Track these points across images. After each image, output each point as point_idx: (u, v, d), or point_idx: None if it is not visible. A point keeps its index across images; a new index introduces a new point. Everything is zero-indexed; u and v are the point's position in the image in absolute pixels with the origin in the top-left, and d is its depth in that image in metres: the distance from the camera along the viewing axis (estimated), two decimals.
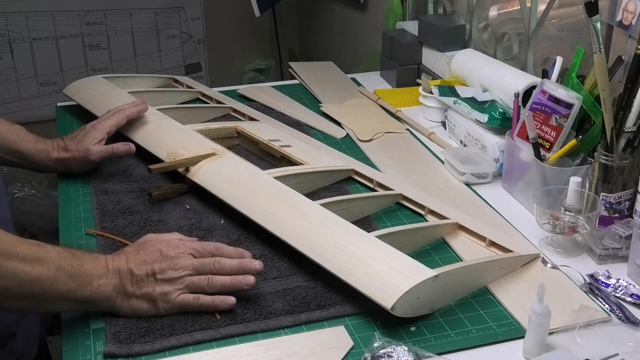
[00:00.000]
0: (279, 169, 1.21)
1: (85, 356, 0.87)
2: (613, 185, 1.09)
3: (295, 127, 1.49)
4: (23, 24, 2.79)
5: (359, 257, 0.95)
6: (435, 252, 1.08)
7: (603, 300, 0.97)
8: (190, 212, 1.17)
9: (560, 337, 0.88)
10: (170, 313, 0.92)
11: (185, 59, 3.12)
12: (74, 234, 1.12)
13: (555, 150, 1.18)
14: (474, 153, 1.35)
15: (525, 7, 1.51)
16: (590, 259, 1.07)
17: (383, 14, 2.13)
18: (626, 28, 1.14)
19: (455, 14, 1.80)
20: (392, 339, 0.86)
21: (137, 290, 0.91)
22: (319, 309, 0.94)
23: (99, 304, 0.90)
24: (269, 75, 3.41)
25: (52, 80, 2.91)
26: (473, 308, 0.95)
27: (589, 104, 1.18)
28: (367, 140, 1.45)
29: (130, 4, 2.93)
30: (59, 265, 0.86)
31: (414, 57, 1.77)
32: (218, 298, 0.92)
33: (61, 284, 0.85)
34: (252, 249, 1.06)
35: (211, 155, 1.22)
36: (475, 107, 1.37)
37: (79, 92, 1.55)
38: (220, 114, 1.54)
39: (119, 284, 0.90)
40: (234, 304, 0.92)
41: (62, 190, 1.25)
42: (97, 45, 2.94)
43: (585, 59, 1.22)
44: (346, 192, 1.23)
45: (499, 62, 1.45)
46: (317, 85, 1.74)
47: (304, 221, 1.04)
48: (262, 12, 2.90)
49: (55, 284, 0.85)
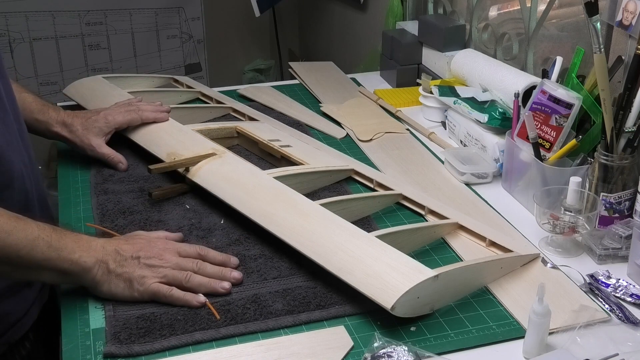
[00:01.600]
0: (279, 169, 1.21)
1: (85, 356, 0.87)
2: (613, 185, 1.09)
3: (295, 127, 1.49)
4: (23, 24, 2.79)
5: (359, 257, 0.95)
6: (435, 252, 1.08)
7: (603, 300, 0.97)
8: (190, 212, 1.17)
9: (560, 337, 0.88)
10: (143, 298, 0.94)
11: (185, 59, 3.12)
12: None
13: (555, 150, 1.18)
14: (474, 153, 1.35)
15: (525, 7, 1.51)
16: (590, 259, 1.07)
17: (383, 14, 2.13)
18: (626, 28, 1.14)
19: (455, 14, 1.80)
20: (392, 339, 0.86)
21: (119, 268, 0.93)
22: (319, 309, 0.94)
23: (80, 276, 0.92)
24: (269, 75, 3.41)
25: (52, 80, 2.91)
26: (473, 308, 0.95)
27: (589, 104, 1.18)
28: (367, 140, 1.45)
29: (130, 4, 2.92)
30: (38, 235, 0.88)
31: (414, 57, 1.77)
32: (189, 294, 0.94)
33: (38, 252, 0.88)
34: (252, 249, 1.06)
35: (211, 156, 1.22)
36: (475, 107, 1.37)
37: (79, 92, 1.55)
38: (220, 114, 1.54)
39: (102, 259, 0.92)
40: (204, 302, 0.94)
41: (62, 190, 1.25)
42: (97, 45, 2.94)
43: (585, 59, 1.22)
44: (346, 192, 1.23)
45: (499, 62, 1.45)
46: (317, 85, 1.74)
47: (304, 221, 1.04)
48: (262, 12, 2.90)
49: (32, 252, 0.87)
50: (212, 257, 1.00)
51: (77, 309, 0.95)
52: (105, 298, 0.94)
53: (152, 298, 0.94)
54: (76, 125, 1.26)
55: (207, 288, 0.96)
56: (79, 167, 1.32)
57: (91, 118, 1.28)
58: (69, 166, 1.33)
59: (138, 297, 0.94)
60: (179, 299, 0.94)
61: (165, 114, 1.35)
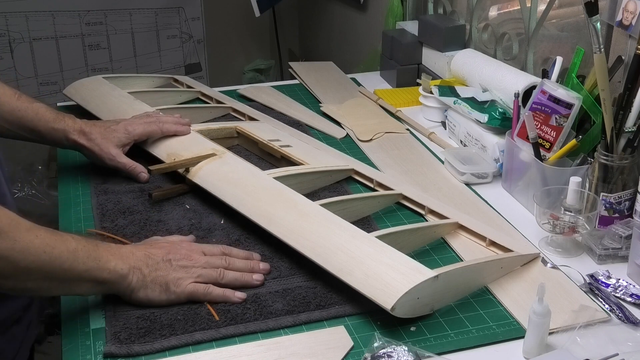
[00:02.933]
0: (279, 169, 1.21)
1: (85, 356, 0.87)
2: (613, 185, 1.09)
3: (295, 127, 1.49)
4: (23, 24, 2.79)
5: (358, 257, 0.95)
6: (435, 252, 1.08)
7: (603, 300, 0.97)
8: (190, 212, 1.17)
9: (560, 337, 0.88)
10: (180, 300, 0.94)
11: (185, 59, 3.12)
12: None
13: (555, 150, 1.18)
14: (474, 153, 1.35)
15: (525, 7, 1.51)
16: (590, 259, 1.07)
17: (383, 14, 2.13)
18: (626, 28, 1.14)
19: (455, 14, 1.80)
20: (392, 339, 0.86)
21: (153, 272, 0.93)
22: (319, 309, 0.94)
23: (117, 284, 0.91)
24: (269, 75, 3.41)
25: (52, 80, 2.91)
26: (473, 308, 0.95)
27: (589, 104, 1.18)
28: (367, 140, 1.45)
29: (130, 4, 2.92)
30: (76, 247, 0.88)
31: (414, 57, 1.77)
32: (228, 290, 0.95)
33: (80, 264, 0.87)
34: (252, 249, 1.06)
35: (211, 156, 1.22)
36: (475, 107, 1.36)
37: (79, 92, 1.54)
38: (220, 114, 1.54)
39: (135, 265, 0.92)
40: (244, 298, 0.95)
41: (62, 190, 1.25)
42: (97, 45, 2.94)
43: (585, 59, 1.22)
44: (346, 192, 1.23)
45: (499, 62, 1.45)
46: (317, 85, 1.74)
47: (304, 221, 1.04)
48: (262, 12, 2.90)
49: (74, 264, 0.87)
50: (237, 254, 1.01)
51: (77, 309, 0.95)
52: (142, 305, 0.93)
53: (189, 298, 0.94)
54: (95, 134, 1.24)
55: (242, 282, 0.97)
56: (79, 167, 1.32)
57: (110, 127, 1.26)
58: (69, 166, 1.33)
59: (175, 299, 0.94)
60: (218, 296, 0.94)
61: (186, 127, 1.32)
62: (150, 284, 0.93)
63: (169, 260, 0.94)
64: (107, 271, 0.90)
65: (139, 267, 0.92)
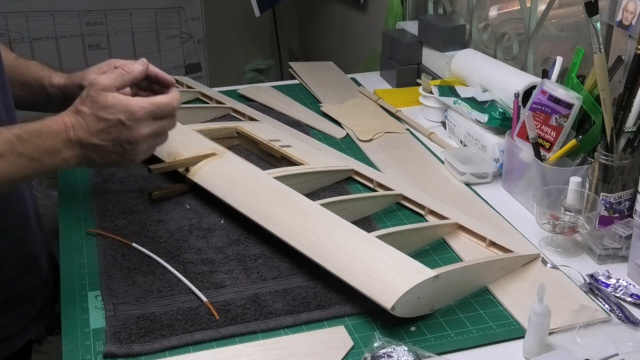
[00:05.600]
0: (279, 169, 1.21)
1: (85, 356, 0.87)
2: (613, 185, 1.09)
3: (295, 127, 1.49)
4: (23, 24, 2.79)
5: (359, 257, 0.95)
6: (435, 252, 1.08)
7: (603, 300, 0.97)
8: (190, 212, 1.17)
9: (560, 337, 0.88)
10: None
11: (185, 59, 3.12)
12: (74, 234, 1.12)
13: (555, 150, 1.18)
14: (474, 153, 1.35)
15: (525, 7, 1.51)
16: (590, 259, 1.07)
17: (383, 14, 2.13)
18: (626, 28, 1.14)
19: (455, 14, 1.80)
20: (392, 339, 0.86)
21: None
22: (319, 309, 0.94)
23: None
24: (269, 75, 3.41)
25: None
26: (473, 308, 0.95)
27: (589, 104, 1.18)
28: (367, 140, 1.45)
29: (130, 4, 2.92)
30: (19, 153, 0.85)
31: (414, 57, 1.77)
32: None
33: (23, 169, 0.86)
34: (252, 249, 1.06)
35: (211, 156, 1.22)
36: (475, 107, 1.37)
37: None
38: (220, 114, 1.54)
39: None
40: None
41: (62, 190, 1.25)
42: (97, 45, 2.94)
43: (585, 59, 1.22)
44: (346, 192, 1.23)
45: (499, 62, 1.45)
46: (317, 85, 1.74)
47: (304, 221, 1.04)
48: (262, 12, 2.90)
49: (19, 173, 0.86)
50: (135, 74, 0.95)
51: (77, 309, 0.95)
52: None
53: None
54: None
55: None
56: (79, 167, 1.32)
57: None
58: None
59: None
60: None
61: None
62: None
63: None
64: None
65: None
